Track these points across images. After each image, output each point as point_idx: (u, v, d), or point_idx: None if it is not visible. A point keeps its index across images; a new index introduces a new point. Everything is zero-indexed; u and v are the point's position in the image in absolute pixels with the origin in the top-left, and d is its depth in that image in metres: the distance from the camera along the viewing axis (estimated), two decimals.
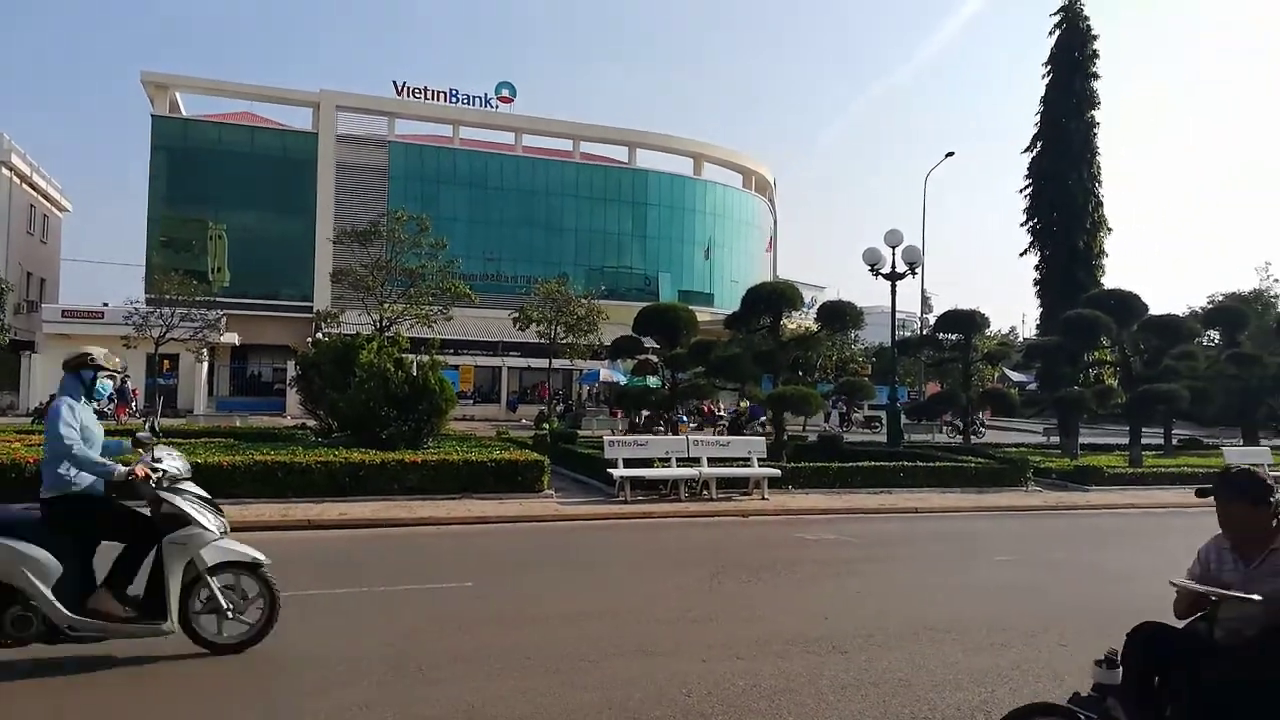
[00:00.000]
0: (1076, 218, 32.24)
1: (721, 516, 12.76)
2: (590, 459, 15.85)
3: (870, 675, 5.35)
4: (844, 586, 8.22)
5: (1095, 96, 33.07)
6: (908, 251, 21.93)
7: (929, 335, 27.01)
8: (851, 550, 10.31)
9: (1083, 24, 33.38)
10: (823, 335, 23.04)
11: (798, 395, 17.95)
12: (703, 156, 64.24)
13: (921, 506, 13.97)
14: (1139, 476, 18.06)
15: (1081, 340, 22.71)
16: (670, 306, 22.92)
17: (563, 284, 36.94)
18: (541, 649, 5.81)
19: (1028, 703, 3.52)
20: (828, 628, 6.49)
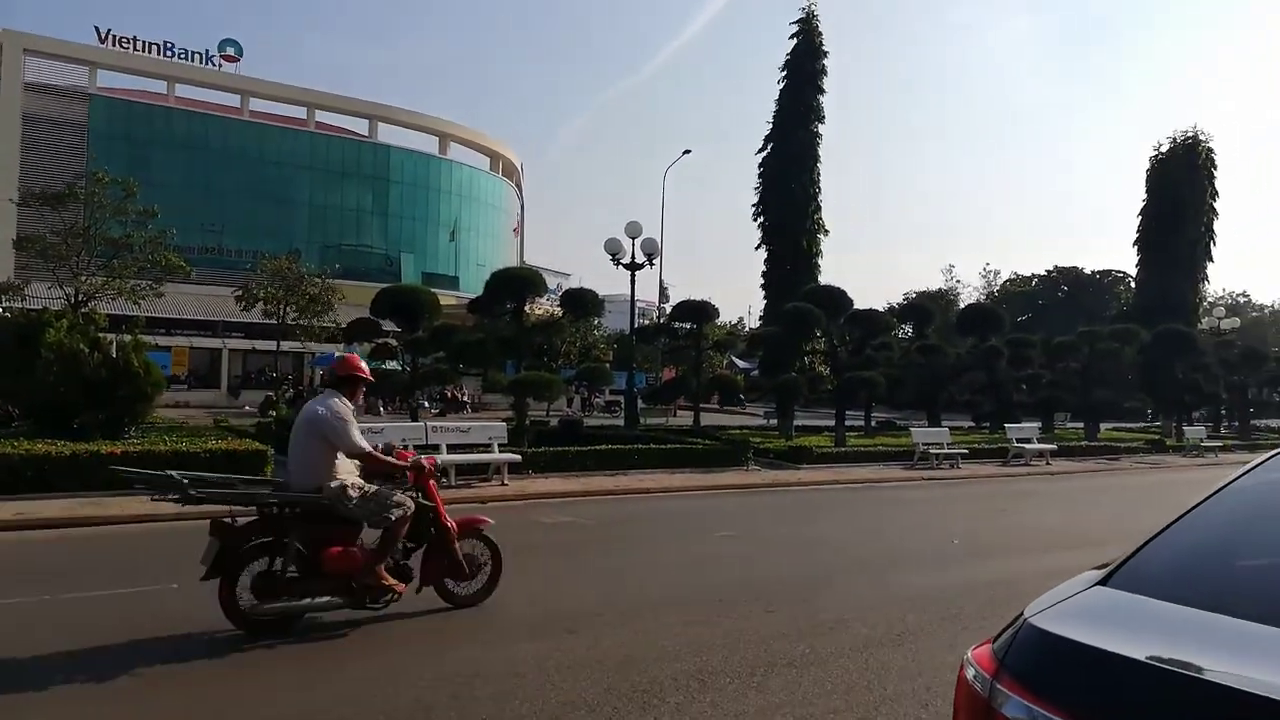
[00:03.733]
0: (798, 219, 34.98)
1: (460, 504, 12.58)
2: None
3: (596, 653, 5.54)
4: (577, 567, 8.44)
5: (821, 109, 35.98)
6: (646, 243, 22.78)
7: (665, 324, 28.28)
8: (586, 532, 10.60)
9: (817, 39, 36.13)
10: (566, 321, 23.42)
11: (540, 381, 18.15)
12: (449, 136, 62.77)
13: (654, 487, 14.62)
14: (843, 455, 20.02)
15: (798, 331, 24.76)
16: (411, 288, 22.29)
17: (294, 261, 34.74)
18: (261, 650, 5.46)
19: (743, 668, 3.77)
20: (558, 609, 6.63)
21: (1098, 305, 64.27)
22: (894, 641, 5.92)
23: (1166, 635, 1.88)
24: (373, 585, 5.96)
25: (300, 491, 5.94)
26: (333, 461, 6.02)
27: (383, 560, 6.00)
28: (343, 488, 5.91)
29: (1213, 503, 2.41)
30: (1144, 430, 33.84)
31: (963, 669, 2.11)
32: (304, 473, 5.99)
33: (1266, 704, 1.54)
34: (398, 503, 6.07)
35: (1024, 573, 8.24)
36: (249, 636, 5.64)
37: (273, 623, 5.71)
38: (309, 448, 6.03)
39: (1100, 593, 2.14)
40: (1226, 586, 2.17)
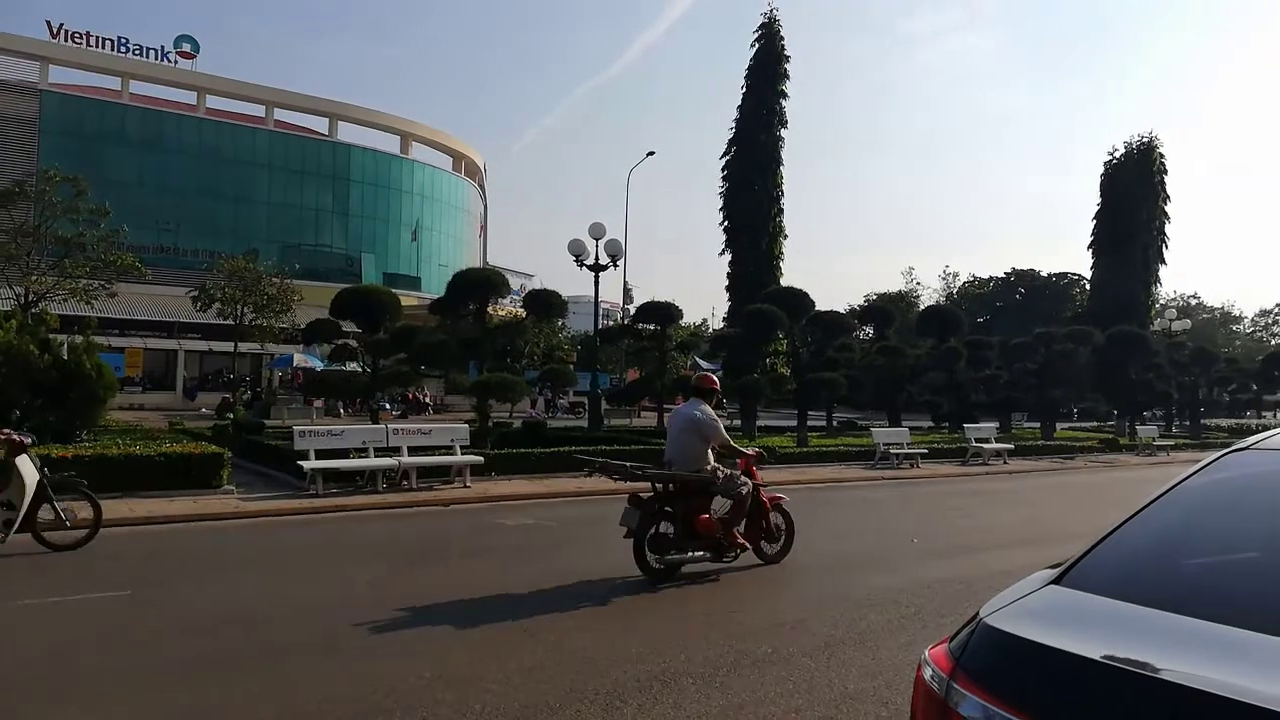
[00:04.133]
0: (761, 222, 35.23)
1: (422, 506, 12.51)
2: (279, 451, 14.85)
3: (558, 655, 5.52)
4: (537, 569, 8.39)
5: (784, 114, 36.27)
6: (610, 244, 22.80)
7: (629, 325, 28.28)
8: (549, 534, 10.56)
9: (779, 43, 36.39)
10: (529, 323, 23.33)
11: (503, 382, 18.05)
12: (411, 135, 62.26)
13: (618, 489, 14.46)
14: (805, 455, 20.16)
15: (760, 333, 24.90)
16: (372, 289, 22.05)
17: (252, 261, 34.26)
18: (212, 658, 5.37)
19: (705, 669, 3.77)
20: (519, 611, 6.59)
21: (1054, 307, 65.38)
22: (855, 640, 5.97)
23: (1118, 634, 1.92)
24: (727, 544, 8.08)
25: (686, 474, 8.05)
26: (706, 452, 8.18)
27: (735, 524, 8.10)
28: (715, 470, 8.11)
29: (1162, 502, 2.46)
30: (1098, 429, 34.50)
31: (920, 668, 2.14)
32: (686, 460, 8.14)
33: (1216, 701, 1.57)
34: (743, 481, 8.17)
35: (982, 571, 8.36)
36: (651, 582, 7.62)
37: (666, 571, 7.79)
38: (690, 442, 8.19)
39: (1054, 592, 2.17)
40: (1175, 585, 2.22)
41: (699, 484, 8.07)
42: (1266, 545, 2.35)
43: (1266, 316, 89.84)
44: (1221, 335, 79.14)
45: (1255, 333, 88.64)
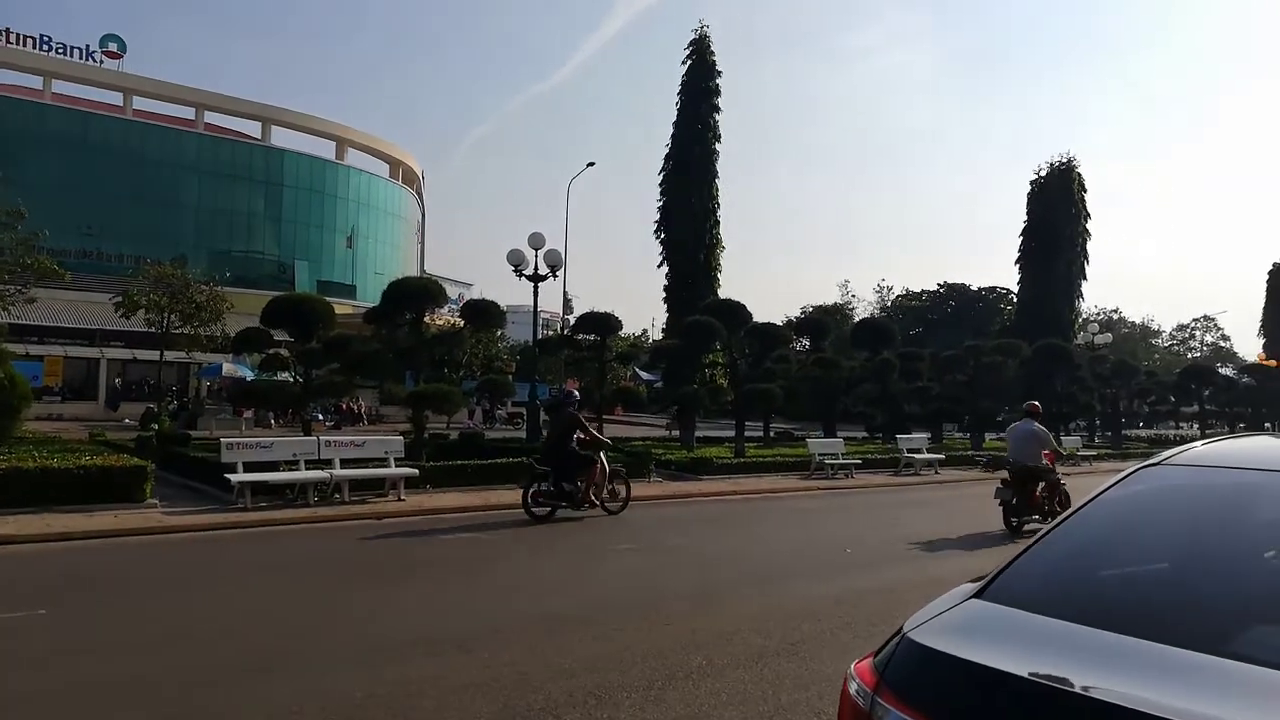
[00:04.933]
0: (698, 235, 35.56)
1: (354, 520, 12.26)
2: (205, 463, 14.42)
3: (492, 671, 5.45)
4: (472, 584, 8.30)
5: (718, 128, 36.73)
6: (550, 255, 22.74)
7: (569, 335, 28.20)
8: (483, 547, 10.44)
9: (710, 59, 36.86)
10: (467, 333, 23.10)
11: (439, 393, 17.83)
12: (346, 141, 61.34)
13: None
14: (742, 466, 20.33)
15: (699, 344, 25.07)
16: (305, 297, 21.62)
17: (179, 267, 33.30)
18: (134, 680, 5.19)
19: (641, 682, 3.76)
20: (454, 627, 6.51)
21: (984, 320, 67.14)
22: (788, 651, 6.02)
23: (1037, 648, 1.96)
24: (1047, 509, 12.76)
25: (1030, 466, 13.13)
26: (1039, 453, 13.38)
27: (1053, 499, 13.16)
28: (1048, 466, 13.56)
29: (1079, 516, 2.55)
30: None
31: (846, 682, 2.17)
32: (1027, 458, 13.24)
33: (1132, 716, 1.62)
34: (1057, 474, 13.97)
35: (913, 580, 8.52)
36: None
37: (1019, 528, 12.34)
38: (1032, 447, 13.29)
39: (975, 606, 2.22)
40: (1092, 597, 2.29)
41: (1038, 473, 12.96)
42: (1175, 556, 2.45)
43: (1184, 331, 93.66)
44: (1142, 349, 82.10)
45: (1173, 346, 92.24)
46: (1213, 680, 1.69)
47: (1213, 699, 1.62)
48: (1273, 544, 2.37)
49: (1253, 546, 2.39)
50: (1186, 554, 2.42)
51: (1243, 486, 2.57)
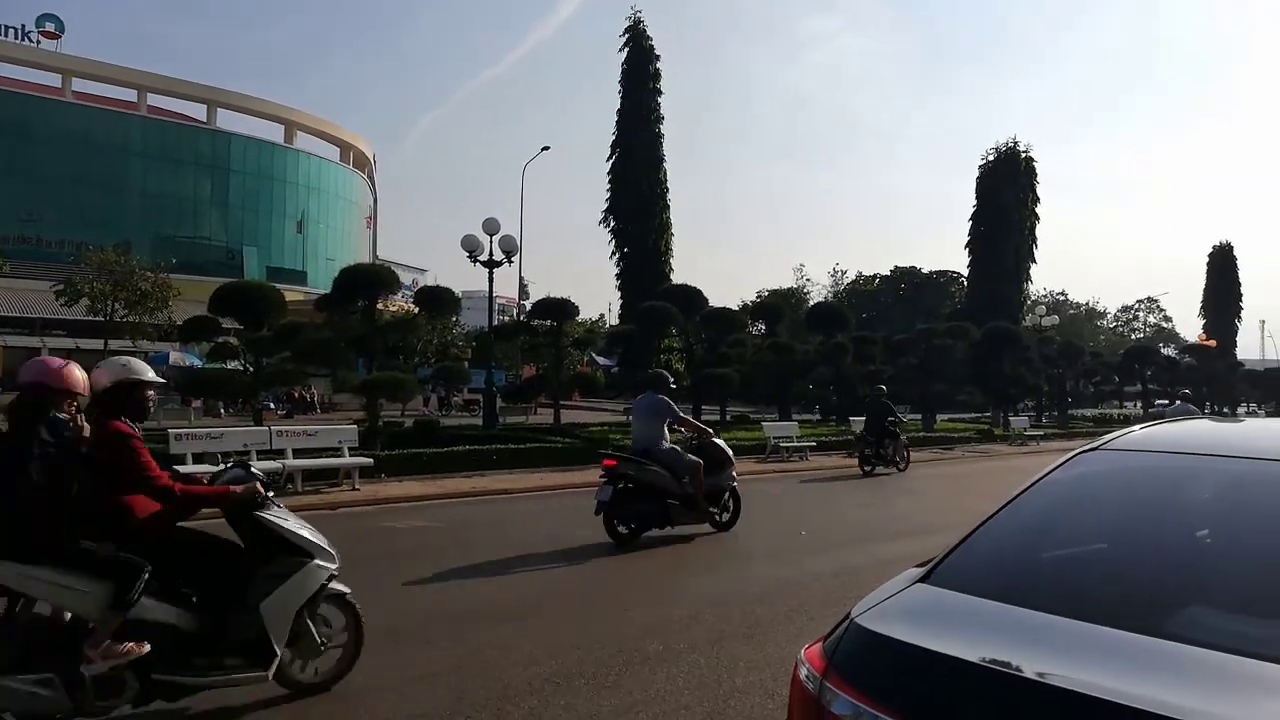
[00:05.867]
0: (649, 220, 35.66)
1: (307, 511, 11.97)
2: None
3: (451, 661, 5.45)
4: (431, 573, 8.26)
5: (660, 111, 36.84)
6: (505, 240, 22.58)
7: (525, 321, 28.09)
8: (441, 536, 10.40)
9: (646, 44, 36.98)
10: (421, 319, 22.89)
11: (393, 381, 17.67)
12: (295, 124, 60.13)
13: (512, 487, 14.50)
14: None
15: (655, 329, 25.15)
16: (254, 284, 21.21)
17: (124, 253, 32.46)
18: None
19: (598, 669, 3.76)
20: (411, 617, 6.48)
21: (934, 303, 68.24)
22: (744, 635, 6.10)
23: (982, 631, 2.02)
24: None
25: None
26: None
27: None
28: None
29: (1022, 499, 2.62)
30: (975, 421, 36.17)
31: (796, 668, 2.21)
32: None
33: (1072, 698, 1.68)
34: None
35: (867, 562, 8.66)
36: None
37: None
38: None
39: (921, 590, 2.28)
40: (1034, 580, 2.36)
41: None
42: (1113, 538, 2.54)
43: (1128, 312, 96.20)
44: (1087, 330, 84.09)
45: (1117, 328, 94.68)
46: (1147, 662, 1.76)
47: (1147, 681, 1.67)
48: (1204, 524, 2.46)
49: (1186, 527, 2.49)
50: (1124, 536, 2.50)
51: (1177, 470, 2.66)
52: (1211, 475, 2.59)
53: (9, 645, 3.94)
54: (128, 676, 4.05)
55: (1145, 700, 1.60)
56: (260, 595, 4.45)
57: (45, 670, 3.81)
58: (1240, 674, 1.69)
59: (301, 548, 4.72)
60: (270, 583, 4.50)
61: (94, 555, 4.06)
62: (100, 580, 3.98)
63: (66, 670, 3.84)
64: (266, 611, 4.41)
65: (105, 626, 3.96)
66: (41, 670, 3.81)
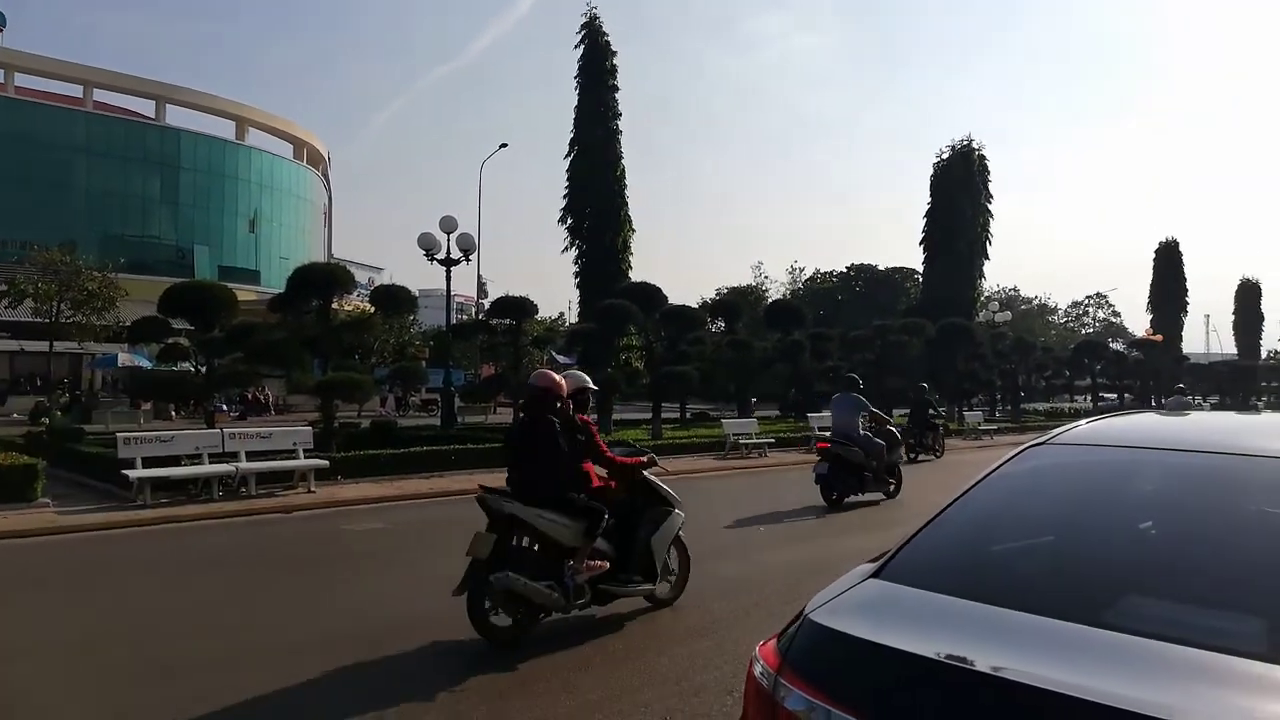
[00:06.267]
0: (607, 218, 35.60)
1: (261, 514, 11.94)
2: (101, 459, 13.82)
3: (409, 664, 5.40)
4: (387, 576, 8.19)
5: (617, 108, 36.81)
6: (462, 238, 22.43)
7: (483, 320, 27.87)
8: (399, 538, 10.30)
9: (603, 40, 36.92)
10: (378, 319, 22.62)
11: (348, 381, 17.43)
12: (247, 121, 59.07)
13: (471, 488, 14.17)
14: (658, 448, 20.38)
15: (614, 327, 25.11)
16: (204, 284, 20.78)
17: (69, 253, 31.61)
18: (14, 691, 4.95)
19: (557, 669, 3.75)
20: (368, 621, 6.41)
21: (890, 300, 68.89)
22: (703, 631, 6.13)
23: (933, 626, 2.04)
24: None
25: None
26: None
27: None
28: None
29: (972, 494, 2.66)
30: (931, 416, 36.64)
31: (751, 665, 2.22)
32: None
33: (1021, 690, 1.70)
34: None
35: (824, 557, 8.74)
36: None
37: None
38: None
39: (873, 585, 2.30)
40: (983, 573, 2.39)
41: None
42: (1060, 530, 2.58)
43: (1078, 308, 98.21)
44: (1039, 326, 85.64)
45: (1068, 323, 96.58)
46: (1093, 653, 1.79)
47: (1094, 673, 1.70)
48: (1148, 516, 2.52)
49: (1130, 520, 2.54)
50: (1070, 529, 2.55)
51: (1122, 463, 2.72)
52: (1155, 468, 2.64)
53: (528, 565, 5.89)
54: (586, 586, 6.10)
55: (1093, 692, 1.63)
56: (649, 532, 6.49)
57: (550, 580, 5.87)
58: (1182, 663, 1.73)
59: (670, 500, 6.77)
60: (653, 525, 6.54)
61: (576, 503, 6.08)
62: (579, 520, 6.03)
63: (562, 580, 5.92)
64: (654, 544, 6.50)
65: (583, 551, 6.02)
66: (548, 580, 5.87)
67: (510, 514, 5.94)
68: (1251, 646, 1.77)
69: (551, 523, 5.94)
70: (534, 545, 6.04)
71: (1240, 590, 2.08)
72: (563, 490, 6.08)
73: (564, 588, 5.90)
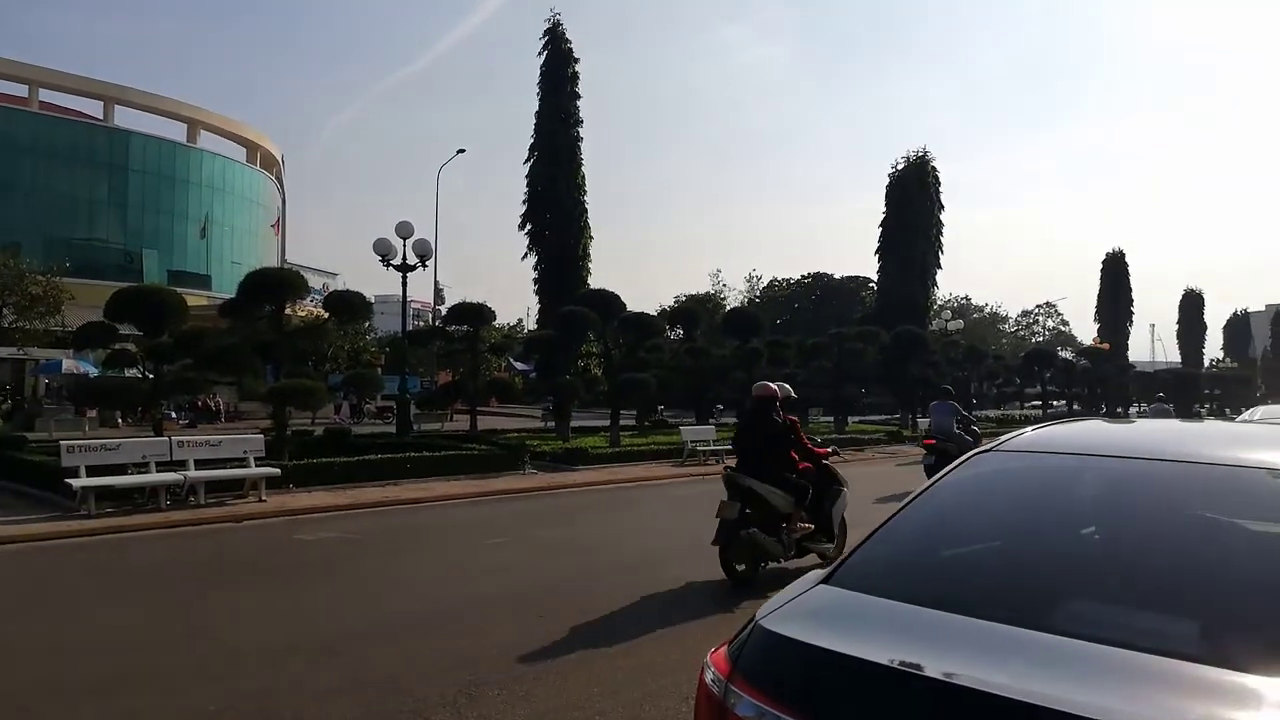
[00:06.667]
0: (567, 224, 35.55)
1: (211, 524, 11.68)
2: (44, 468, 13.43)
3: (359, 675, 5.31)
4: (338, 586, 8.06)
5: (579, 115, 36.80)
6: (419, 244, 22.23)
7: (440, 327, 27.66)
8: (352, 547, 10.15)
9: (565, 46, 36.92)
10: (332, 325, 22.31)
11: (301, 388, 17.14)
12: (199, 123, 57.97)
13: (426, 496, 14.25)
14: (617, 455, 20.47)
15: (573, 334, 25.07)
16: (153, 289, 20.33)
17: (12, 256, 30.71)
18: None
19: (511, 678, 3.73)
20: (318, 631, 6.31)
21: (846, 308, 69.68)
22: (659, 638, 6.12)
23: (882, 631, 2.06)
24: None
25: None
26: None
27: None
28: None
29: (922, 499, 2.69)
30: (885, 422, 37.12)
31: (703, 671, 2.22)
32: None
33: (974, 696, 1.72)
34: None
35: (776, 564, 8.78)
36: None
37: None
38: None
39: (823, 591, 2.31)
40: (931, 579, 2.42)
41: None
42: (1006, 535, 2.63)
43: (1028, 317, 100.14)
44: (990, 334, 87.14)
45: (1019, 331, 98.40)
46: (1037, 656, 1.82)
47: (1037, 676, 1.73)
48: (1091, 522, 2.57)
49: (1073, 525, 2.59)
50: (1016, 534, 2.59)
51: (1066, 469, 2.77)
52: (1099, 474, 2.70)
53: (764, 526, 7.88)
54: (794, 541, 8.20)
55: (1036, 695, 1.66)
56: (830, 503, 8.53)
57: (774, 535, 7.94)
58: (1121, 665, 1.76)
59: (843, 481, 8.83)
60: (832, 497, 8.58)
61: (789, 480, 8.16)
62: (791, 493, 8.14)
63: (781, 535, 8.01)
64: (834, 512, 8.54)
65: (795, 516, 8.20)
66: (774, 535, 7.94)
67: (747, 486, 7.94)
68: (1188, 648, 1.82)
69: (773, 494, 7.97)
70: (758, 512, 7.94)
71: (1178, 593, 2.13)
72: (780, 471, 8.15)
73: (782, 543, 7.97)
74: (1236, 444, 2.83)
